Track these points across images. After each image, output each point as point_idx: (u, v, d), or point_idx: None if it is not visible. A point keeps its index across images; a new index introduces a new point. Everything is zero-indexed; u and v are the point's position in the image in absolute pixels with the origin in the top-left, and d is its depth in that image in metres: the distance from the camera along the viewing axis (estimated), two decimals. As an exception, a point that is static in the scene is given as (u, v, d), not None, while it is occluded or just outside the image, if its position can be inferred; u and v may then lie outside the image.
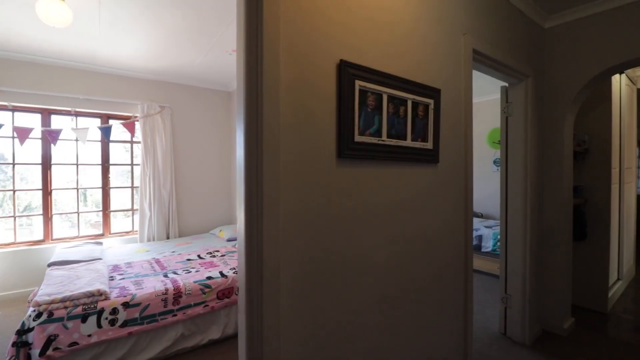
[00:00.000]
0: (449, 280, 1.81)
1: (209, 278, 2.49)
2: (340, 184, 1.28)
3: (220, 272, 2.61)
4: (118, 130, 4.04)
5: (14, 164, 3.60)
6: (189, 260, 3.02)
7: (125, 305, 2.08)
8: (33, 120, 3.64)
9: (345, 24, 1.28)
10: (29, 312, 1.86)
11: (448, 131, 1.78)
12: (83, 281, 2.27)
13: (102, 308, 2.02)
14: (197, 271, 2.67)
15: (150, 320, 2.15)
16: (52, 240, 3.76)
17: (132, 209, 4.27)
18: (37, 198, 3.74)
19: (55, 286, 2.17)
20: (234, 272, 2.61)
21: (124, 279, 2.51)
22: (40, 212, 3.72)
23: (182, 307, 2.28)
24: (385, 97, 1.42)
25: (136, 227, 4.22)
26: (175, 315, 2.25)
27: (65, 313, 1.91)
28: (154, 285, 2.33)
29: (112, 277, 2.55)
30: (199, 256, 3.13)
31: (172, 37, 3.05)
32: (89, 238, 3.93)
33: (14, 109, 3.52)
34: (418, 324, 1.63)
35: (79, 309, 1.96)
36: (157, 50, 3.36)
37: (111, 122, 3.99)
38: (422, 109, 1.62)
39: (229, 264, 2.86)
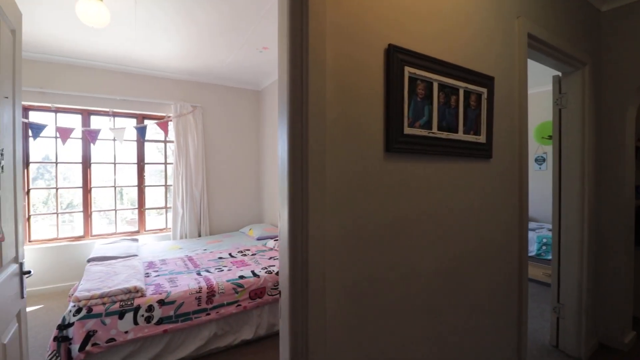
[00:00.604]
0: (502, 290, 1.65)
1: (242, 277, 2.46)
2: (388, 182, 1.17)
3: (252, 272, 2.57)
4: (152, 130, 4.14)
5: (56, 163, 3.77)
6: (220, 258, 3.01)
7: (161, 302, 2.08)
8: (74, 121, 3.79)
9: (393, 5, 1.17)
10: (69, 307, 1.90)
11: (501, 124, 1.62)
12: (120, 277, 2.30)
13: (139, 305, 2.02)
14: (229, 270, 2.65)
15: (185, 318, 2.14)
16: (91, 236, 3.91)
17: (166, 207, 4.36)
18: (78, 196, 3.89)
19: (94, 282, 2.21)
20: (266, 272, 2.56)
21: (158, 275, 2.53)
22: (81, 209, 3.87)
23: (216, 306, 2.26)
24: (435, 86, 1.30)
25: (169, 225, 4.30)
26: (208, 314, 2.22)
27: (104, 309, 1.93)
28: (187, 283, 2.33)
29: (147, 273, 2.57)
30: (230, 254, 3.12)
31: (205, 36, 3.06)
32: (126, 235, 4.05)
33: (56, 110, 3.69)
34: (469, 337, 1.49)
35: (116, 306, 1.97)
36: (190, 50, 3.39)
37: (146, 122, 4.08)
38: (475, 98, 1.47)
39: (261, 263, 2.82)
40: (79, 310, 1.88)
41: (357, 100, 1.09)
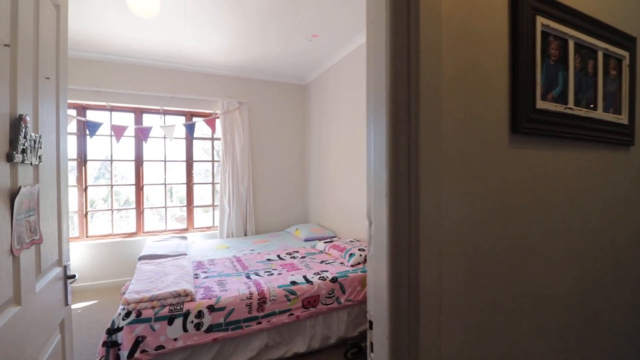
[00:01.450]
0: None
1: (293, 283, 2.24)
2: (513, 176, 0.85)
3: (305, 277, 2.34)
4: (199, 128, 4.11)
5: (111, 161, 3.85)
6: (269, 260, 2.83)
7: (210, 308, 1.92)
8: (127, 119, 3.86)
9: None
10: (118, 310, 1.79)
11: (645, 99, 1.21)
12: (170, 278, 2.19)
13: (188, 310, 1.88)
14: (279, 273, 2.45)
15: (235, 326, 1.96)
16: (143, 233, 3.96)
17: (213, 205, 4.32)
18: (133, 193, 3.96)
19: (144, 282, 2.12)
20: (319, 278, 2.32)
21: (207, 277, 2.40)
22: (134, 206, 3.93)
23: (267, 315, 2.06)
24: (571, 45, 0.95)
25: (216, 223, 4.25)
26: (259, 322, 2.03)
27: (153, 313, 1.81)
28: (237, 287, 2.16)
29: (196, 274, 2.46)
30: (278, 256, 2.93)
31: (254, 26, 2.90)
32: (175, 232, 4.05)
33: (111, 109, 3.77)
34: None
35: (165, 310, 1.84)
36: (238, 43, 3.27)
37: (194, 119, 4.06)
38: (614, 65, 1.10)
39: (312, 267, 2.58)
40: (128, 314, 1.77)
41: (476, 61, 0.78)
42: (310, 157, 4.50)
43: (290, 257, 2.91)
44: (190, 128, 3.93)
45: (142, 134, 3.75)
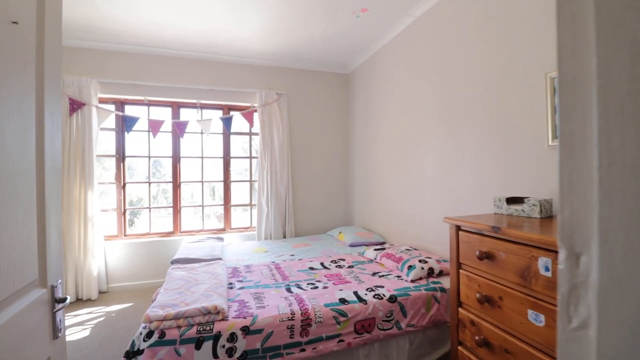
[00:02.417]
0: None
1: (343, 301, 1.84)
2: None
3: (356, 294, 1.93)
4: (237, 124, 3.88)
5: (149, 157, 3.74)
6: (312, 269, 2.46)
7: (245, 330, 1.59)
8: (165, 114, 3.71)
9: None
10: (139, 329, 1.52)
11: None
12: (201, 289, 1.91)
13: (219, 332, 1.56)
14: (324, 287, 2.07)
15: (274, 354, 1.61)
16: (180, 232, 3.80)
17: (250, 204, 4.07)
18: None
19: (171, 293, 1.85)
20: (374, 296, 1.90)
21: (243, 288, 2.08)
22: (171, 204, 3.79)
23: (312, 340, 1.68)
24: None
25: (254, 224, 3.99)
26: (303, 349, 1.66)
27: (178, 334, 1.51)
28: (277, 303, 1.81)
29: (230, 284, 2.16)
30: (322, 265, 2.56)
31: (298, 2, 2.55)
32: (212, 232, 3.85)
33: (149, 104, 3.64)
34: None
35: (193, 330, 1.53)
36: (278, 23, 2.94)
37: (232, 113, 3.83)
38: None
39: (363, 281, 2.17)
40: (150, 334, 1.49)
41: None
42: (354, 153, 4.09)
43: (336, 266, 2.52)
44: (227, 122, 3.70)
45: (178, 129, 3.58)
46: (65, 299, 0.89)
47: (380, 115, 3.40)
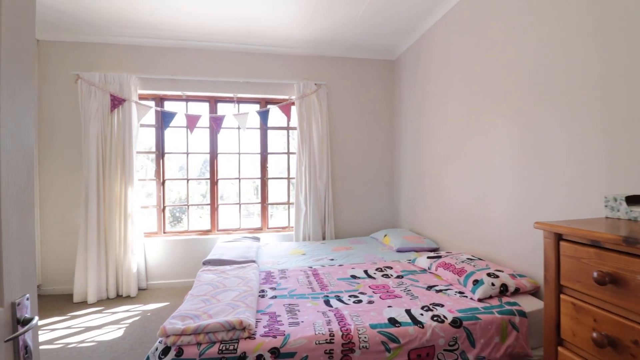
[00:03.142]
0: None
1: (394, 322, 1.50)
2: None
3: (409, 314, 1.58)
4: (274, 119, 3.68)
5: (187, 154, 3.67)
6: (354, 277, 2.15)
7: (275, 353, 1.32)
8: (202, 110, 3.63)
9: None
10: (155, 344, 1.32)
11: None
12: (228, 296, 1.68)
13: (244, 353, 1.31)
14: (369, 301, 1.74)
15: (309, 384, 1.33)
16: (217, 230, 3.69)
17: (288, 203, 3.85)
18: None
19: (196, 300, 1.64)
20: (432, 318, 1.53)
21: (275, 297, 1.83)
22: (208, 202, 3.70)
23: (355, 370, 1.37)
24: None
25: (292, 223, 3.77)
26: (344, 381, 1.36)
27: (198, 353, 1.28)
28: (313, 319, 1.52)
29: (262, 291, 1.92)
30: (366, 273, 2.23)
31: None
32: (249, 231, 3.70)
33: (187, 99, 3.58)
34: None
35: (214, 350, 1.30)
36: (316, 4, 2.67)
37: (269, 107, 3.64)
38: None
39: (417, 295, 1.81)
40: (166, 351, 1.28)
41: None
42: (401, 147, 3.69)
43: (383, 275, 2.18)
44: (264, 116, 3.51)
45: (215, 124, 3.46)
46: (32, 319, 0.68)
47: (433, 103, 2.97)
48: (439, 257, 2.26)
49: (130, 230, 3.21)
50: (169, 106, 3.55)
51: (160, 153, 3.55)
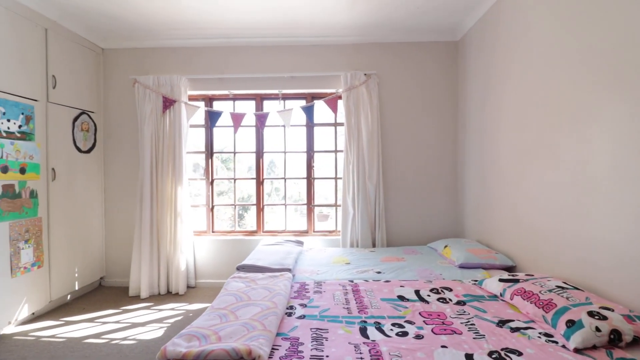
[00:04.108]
0: None
1: (448, 372, 1.12)
2: None
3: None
4: (322, 114, 3.45)
5: (234, 153, 3.64)
6: (401, 299, 1.78)
7: (286, 397, 1.06)
8: (249, 108, 3.56)
9: None
10: (152, 371, 1.15)
11: None
12: (249, 313, 1.48)
13: (250, 393, 1.07)
14: (417, 335, 1.37)
15: None
16: (263, 232, 3.59)
17: (335, 205, 3.58)
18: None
19: (213, 315, 1.47)
20: (505, 372, 1.11)
21: (304, 317, 1.57)
22: (254, 202, 3.62)
23: None
24: None
25: (339, 227, 3.48)
26: None
27: (197, 386, 1.08)
28: (342, 354, 1.22)
29: (290, 307, 1.67)
30: (418, 294, 1.84)
31: None
32: (294, 234, 3.52)
33: (234, 98, 3.54)
34: None
35: (217, 383, 1.09)
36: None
37: (314, 101, 3.41)
38: None
39: (483, 334, 1.37)
40: (163, 378, 1.10)
41: None
42: (466, 142, 3.14)
43: (439, 299, 1.76)
44: (308, 112, 3.29)
45: (259, 122, 3.35)
46: None
47: (509, 87, 2.42)
48: (516, 280, 1.76)
49: (179, 229, 3.26)
50: (217, 106, 3.56)
51: (209, 153, 3.57)
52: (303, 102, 3.48)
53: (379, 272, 2.30)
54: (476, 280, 2.03)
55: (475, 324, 1.46)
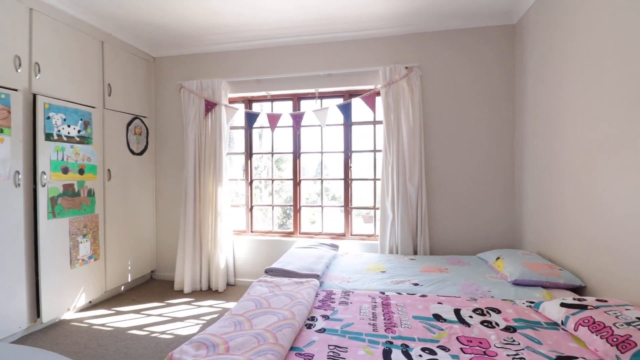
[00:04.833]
0: None
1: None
2: None
3: (514, 409, 0.96)
4: (360, 112, 3.29)
5: (272, 154, 3.64)
6: (437, 319, 1.57)
7: None
8: (287, 108, 3.53)
9: None
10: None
11: None
12: (263, 323, 1.41)
13: (250, 414, 0.99)
14: (450, 365, 1.17)
15: None
16: (300, 233, 3.54)
17: (374, 207, 3.39)
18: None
19: (228, 322, 1.42)
20: None
21: (324, 330, 1.46)
22: (292, 203, 3.59)
23: None
24: None
25: (378, 231, 3.29)
26: None
27: (198, 400, 1.03)
28: (355, 380, 1.08)
29: (311, 318, 1.57)
30: (457, 314, 1.61)
31: None
32: (331, 236, 3.41)
33: (272, 99, 3.54)
34: None
35: (217, 400, 1.02)
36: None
37: (351, 99, 3.26)
38: None
39: (534, 371, 1.13)
40: (166, 388, 1.07)
41: None
42: (525, 138, 2.74)
43: (483, 322, 1.52)
44: (345, 110, 3.15)
45: (295, 122, 3.30)
46: None
47: (578, 72, 2.03)
48: (584, 307, 1.44)
49: (219, 228, 3.35)
50: (256, 107, 3.60)
51: (248, 154, 3.63)
52: (340, 101, 3.35)
53: (416, 284, 2.08)
54: (532, 302, 1.72)
55: (526, 358, 1.21)
